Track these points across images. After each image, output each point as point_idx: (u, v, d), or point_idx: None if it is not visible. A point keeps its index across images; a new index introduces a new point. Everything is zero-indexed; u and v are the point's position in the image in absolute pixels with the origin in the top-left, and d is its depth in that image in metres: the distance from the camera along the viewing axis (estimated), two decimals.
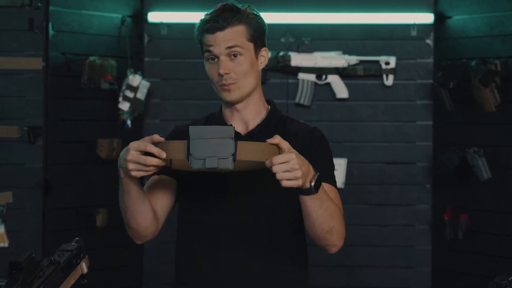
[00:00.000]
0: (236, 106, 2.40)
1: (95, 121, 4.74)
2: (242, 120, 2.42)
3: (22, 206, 4.47)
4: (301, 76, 4.94)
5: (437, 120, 4.91)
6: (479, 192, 4.67)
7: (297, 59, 4.91)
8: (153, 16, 4.98)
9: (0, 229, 4.40)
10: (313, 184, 2.14)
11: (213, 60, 2.36)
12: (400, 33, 4.95)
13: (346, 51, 4.93)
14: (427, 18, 4.93)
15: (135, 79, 4.75)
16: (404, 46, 4.95)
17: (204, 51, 2.37)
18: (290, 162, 2.07)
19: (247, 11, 2.37)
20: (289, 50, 4.93)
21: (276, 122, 2.44)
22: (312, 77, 4.93)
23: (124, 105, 4.72)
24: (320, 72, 4.93)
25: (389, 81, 4.93)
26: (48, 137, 4.48)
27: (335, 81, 4.93)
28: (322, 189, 2.18)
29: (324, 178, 2.21)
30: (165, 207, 2.39)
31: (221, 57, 2.34)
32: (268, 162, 2.08)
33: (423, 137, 4.96)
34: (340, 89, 4.93)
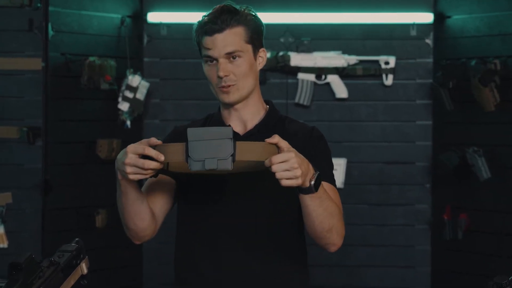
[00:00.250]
0: (235, 106, 2.39)
1: (94, 121, 4.74)
2: (241, 120, 2.41)
3: (22, 206, 4.47)
4: (301, 76, 4.93)
5: (437, 119, 4.91)
6: (479, 192, 4.67)
7: (296, 59, 4.91)
8: (153, 16, 4.98)
9: (0, 230, 4.40)
10: (312, 183, 2.14)
11: (211, 62, 2.35)
12: (400, 33, 4.95)
13: (345, 51, 4.92)
14: (427, 17, 4.92)
15: (134, 80, 4.75)
16: (404, 46, 4.95)
17: (202, 53, 2.36)
18: (290, 161, 2.06)
19: (245, 12, 2.36)
20: (289, 50, 4.92)
21: (274, 122, 2.43)
22: (311, 77, 4.93)
23: (124, 106, 4.72)
24: (320, 72, 4.93)
25: (388, 81, 4.93)
26: (48, 137, 4.48)
27: (334, 81, 4.93)
28: (322, 188, 2.18)
29: (323, 178, 2.20)
30: (163, 208, 2.39)
31: (220, 60, 2.33)
32: (267, 161, 2.07)
33: (422, 136, 4.96)
34: (340, 89, 4.93)
